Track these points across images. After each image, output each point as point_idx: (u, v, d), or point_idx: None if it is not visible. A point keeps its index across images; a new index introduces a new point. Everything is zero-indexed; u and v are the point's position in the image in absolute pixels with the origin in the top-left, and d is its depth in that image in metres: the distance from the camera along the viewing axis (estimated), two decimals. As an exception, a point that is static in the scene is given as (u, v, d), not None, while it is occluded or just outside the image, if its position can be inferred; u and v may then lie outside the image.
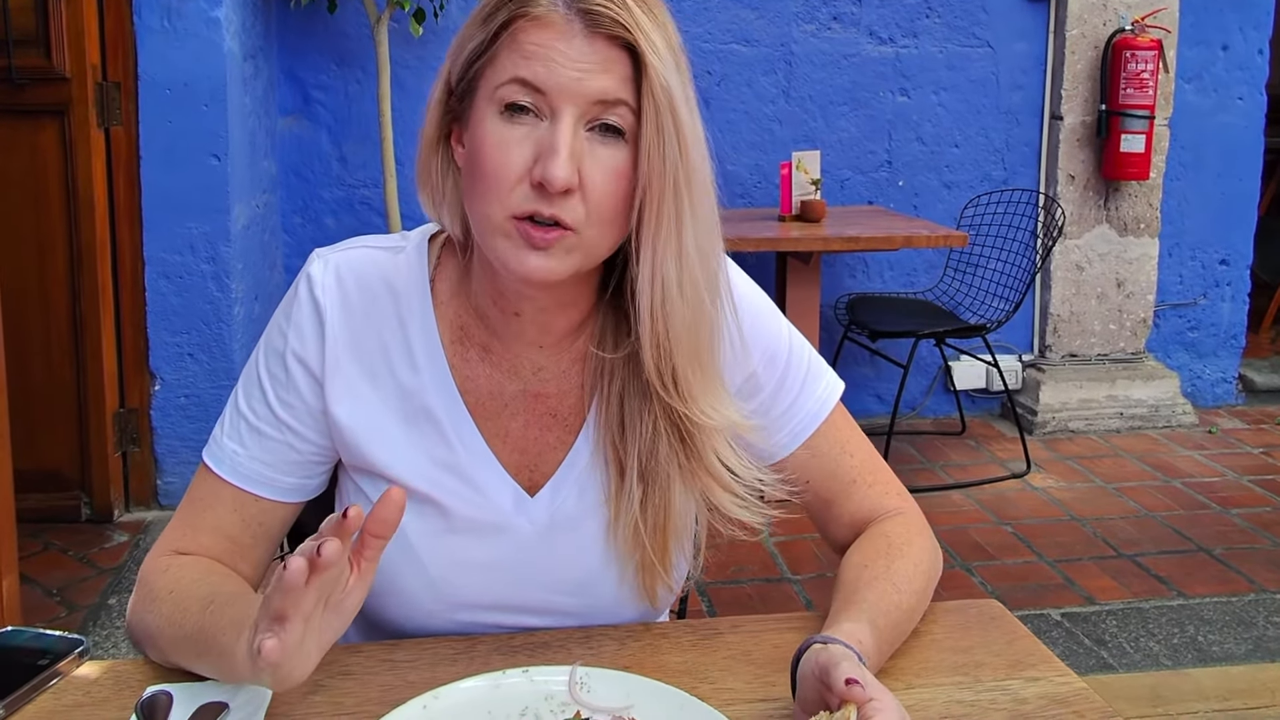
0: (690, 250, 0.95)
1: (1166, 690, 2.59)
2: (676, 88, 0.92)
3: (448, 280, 1.07)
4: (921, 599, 1.06)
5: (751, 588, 3.08)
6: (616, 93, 0.91)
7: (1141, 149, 4.21)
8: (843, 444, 1.14)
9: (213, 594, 0.95)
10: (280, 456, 1.05)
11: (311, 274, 1.05)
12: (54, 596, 2.89)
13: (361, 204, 4.06)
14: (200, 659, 0.93)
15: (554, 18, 0.91)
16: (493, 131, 0.92)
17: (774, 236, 3.52)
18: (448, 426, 1.05)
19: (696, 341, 0.97)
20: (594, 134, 0.92)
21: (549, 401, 1.07)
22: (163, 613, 0.98)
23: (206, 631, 0.91)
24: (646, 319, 0.96)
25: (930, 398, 4.53)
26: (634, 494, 1.02)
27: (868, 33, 4.26)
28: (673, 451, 1.02)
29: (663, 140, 0.92)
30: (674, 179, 0.92)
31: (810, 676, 0.85)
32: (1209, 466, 4.03)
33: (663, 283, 0.95)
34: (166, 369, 3.35)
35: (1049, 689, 0.98)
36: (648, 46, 0.91)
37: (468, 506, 1.05)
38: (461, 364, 1.06)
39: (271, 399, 1.05)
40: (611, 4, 0.91)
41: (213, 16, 3.22)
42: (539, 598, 1.07)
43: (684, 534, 1.07)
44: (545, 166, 0.90)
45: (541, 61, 0.91)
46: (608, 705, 0.91)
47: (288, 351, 1.04)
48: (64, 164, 3.18)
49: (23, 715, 0.91)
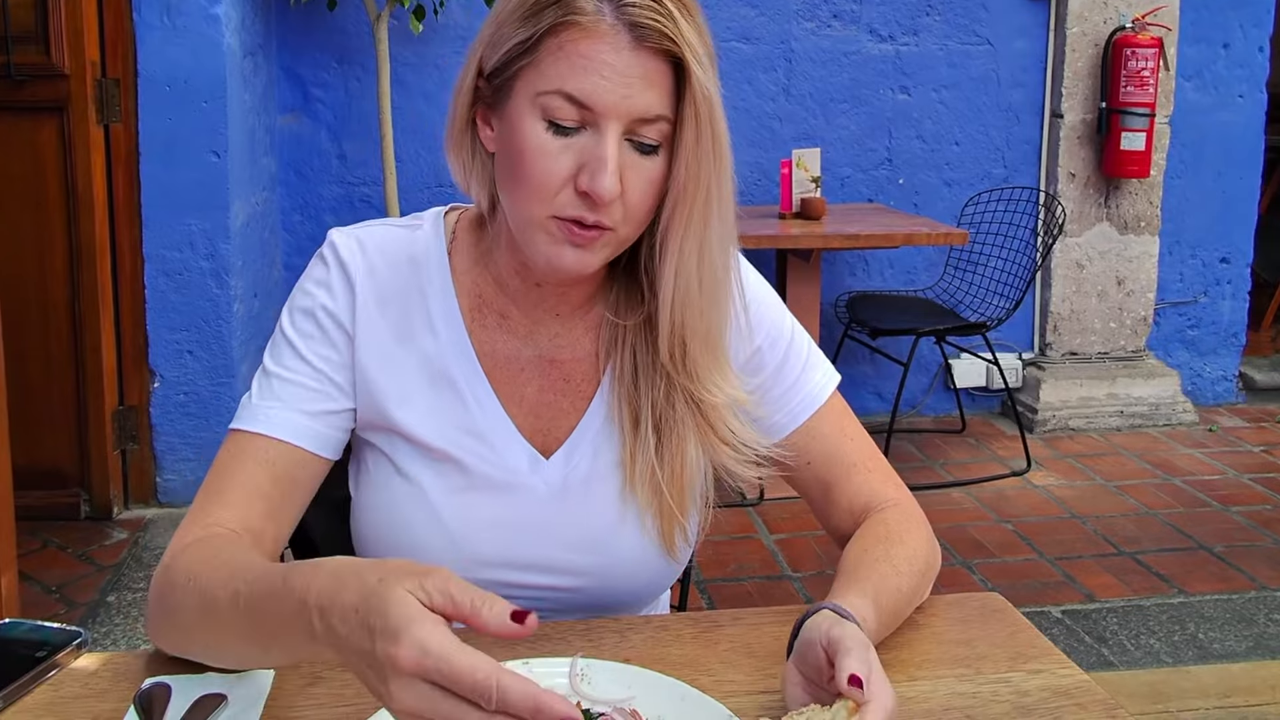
0: (713, 248, 1.00)
1: (1167, 688, 2.59)
2: (716, 95, 0.95)
3: (465, 253, 1.11)
4: (919, 584, 1.07)
5: (752, 585, 3.08)
6: (659, 109, 0.94)
7: (1142, 147, 4.21)
8: (842, 428, 1.16)
9: (233, 573, 0.88)
10: (317, 405, 1.05)
11: (335, 241, 1.08)
12: (53, 594, 2.89)
13: (361, 201, 4.06)
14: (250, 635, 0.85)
15: (602, 28, 0.92)
16: (534, 137, 0.94)
17: (774, 234, 3.52)
18: (465, 391, 1.08)
19: (709, 329, 1.03)
20: (632, 144, 0.95)
21: (564, 367, 1.11)
22: (186, 602, 0.91)
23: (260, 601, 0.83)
24: (666, 310, 1.01)
25: (930, 396, 4.53)
26: (649, 442, 1.07)
27: (868, 30, 4.26)
28: (687, 407, 1.07)
29: (701, 148, 0.95)
30: (708, 184, 0.97)
31: (816, 644, 0.85)
32: (1209, 464, 4.02)
33: (685, 279, 1.00)
34: (166, 366, 3.34)
35: (1051, 681, 0.97)
36: (691, 57, 0.93)
37: (485, 465, 1.08)
38: (480, 331, 1.09)
39: (306, 354, 1.06)
40: (659, 15, 0.92)
41: (212, 13, 3.21)
42: (557, 555, 1.09)
43: (698, 481, 1.10)
44: (594, 180, 0.93)
45: (588, 76, 0.92)
46: (608, 697, 0.90)
47: (318, 308, 1.06)
48: (63, 161, 3.17)
49: (21, 707, 0.91)
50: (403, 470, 1.08)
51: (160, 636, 0.97)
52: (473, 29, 3.96)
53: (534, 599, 1.10)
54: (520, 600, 1.09)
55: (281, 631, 0.79)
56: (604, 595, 1.11)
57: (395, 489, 1.08)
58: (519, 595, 1.10)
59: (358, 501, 1.12)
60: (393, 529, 1.08)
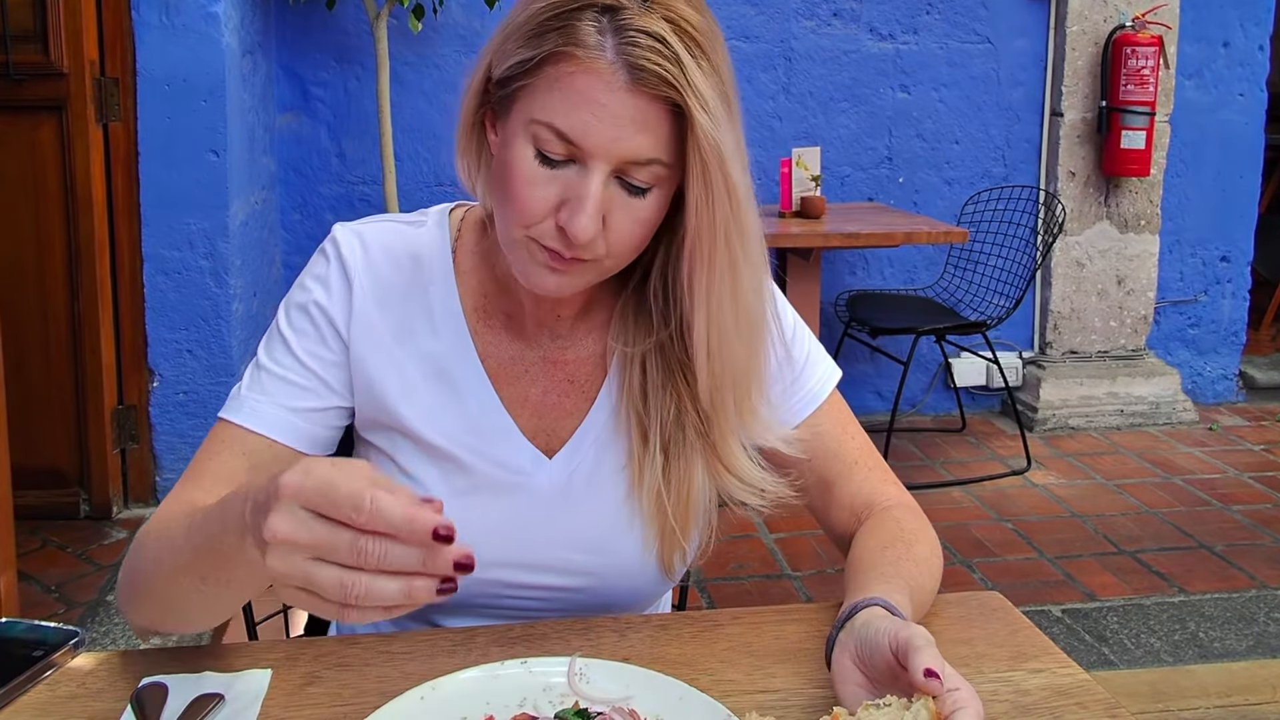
0: (746, 291, 0.98)
1: (1168, 686, 2.59)
2: (727, 142, 0.90)
3: (469, 252, 1.10)
4: (935, 585, 1.07)
5: (751, 584, 3.07)
6: (651, 153, 0.90)
7: (1142, 145, 4.21)
8: (844, 425, 1.16)
9: (192, 512, 0.90)
10: (302, 402, 1.05)
11: (337, 237, 1.08)
12: (52, 593, 2.88)
13: (361, 200, 4.05)
14: (198, 568, 0.85)
15: (599, 65, 0.88)
16: (522, 162, 0.92)
17: (774, 233, 3.52)
18: (466, 391, 1.08)
19: (750, 372, 1.02)
20: (621, 183, 0.93)
21: (568, 368, 1.10)
22: (148, 555, 0.94)
23: (203, 534, 0.84)
24: (703, 358, 0.99)
25: (930, 395, 4.52)
26: (656, 462, 1.06)
27: (868, 29, 4.25)
28: (697, 434, 1.05)
29: (711, 197, 0.92)
30: (725, 231, 0.94)
31: (883, 645, 0.84)
32: (1210, 463, 4.02)
33: (720, 327, 0.98)
34: (165, 365, 3.34)
35: (1051, 680, 0.97)
36: (696, 105, 0.88)
37: (487, 465, 1.07)
38: (484, 330, 1.09)
39: (298, 350, 1.06)
40: (662, 59, 0.87)
41: (211, 12, 3.21)
42: (559, 555, 1.08)
43: (702, 506, 1.09)
44: (571, 220, 0.91)
45: (579, 114, 0.89)
46: (607, 696, 0.90)
47: (313, 304, 1.06)
48: (62, 160, 3.17)
49: (18, 706, 0.91)
50: (405, 469, 1.08)
51: (126, 601, 0.99)
52: (472, 28, 3.97)
53: (536, 599, 1.10)
54: (523, 600, 1.09)
55: (222, 536, 0.79)
56: (605, 595, 1.11)
57: None
58: (522, 595, 1.09)
59: None
60: None
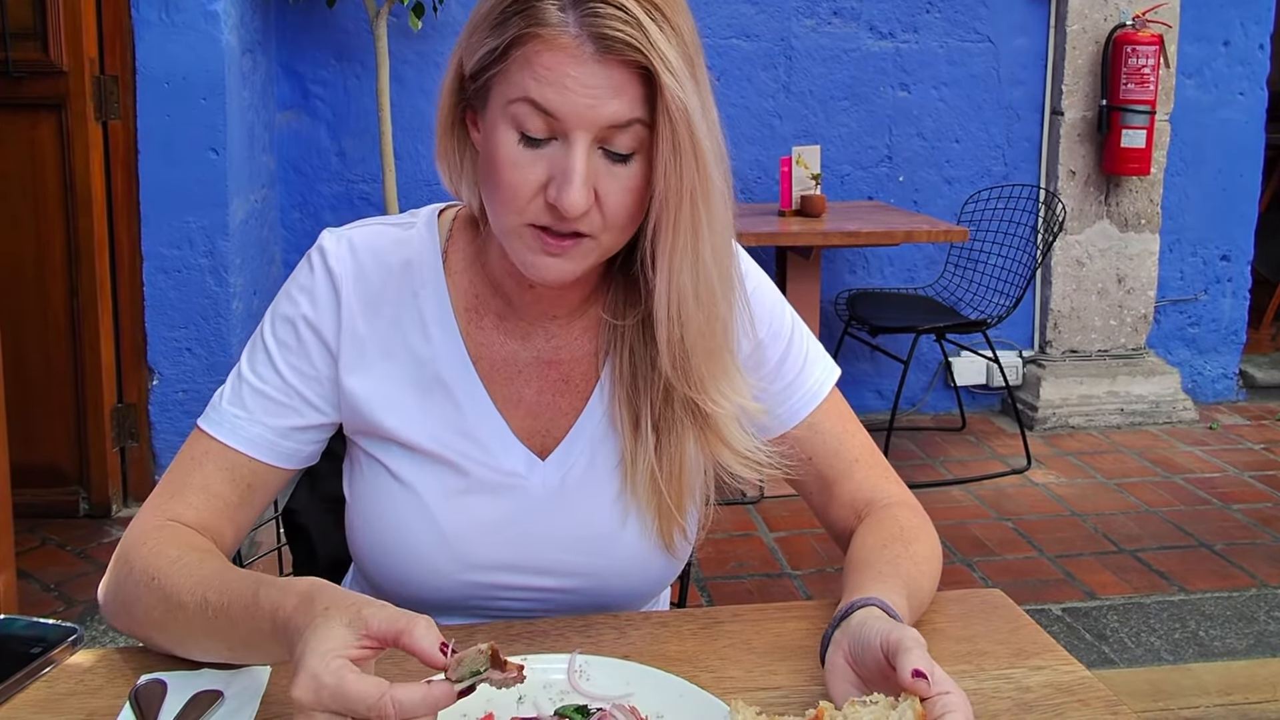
0: (707, 260, 0.96)
1: (1168, 685, 2.58)
2: (693, 103, 0.90)
3: (460, 253, 1.09)
4: (934, 584, 1.07)
5: (751, 583, 3.07)
6: (629, 114, 0.91)
7: (1142, 144, 4.20)
8: (844, 423, 1.16)
9: (202, 583, 0.92)
10: (283, 421, 1.05)
11: (325, 246, 1.06)
12: (51, 591, 2.88)
13: (360, 199, 4.05)
14: (212, 640, 0.91)
15: (565, 40, 0.88)
16: (505, 146, 0.92)
17: (774, 232, 3.51)
18: (460, 394, 1.06)
19: (711, 341, 1.00)
20: (605, 153, 0.92)
21: (561, 368, 1.09)
22: (145, 598, 0.95)
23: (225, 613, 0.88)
24: (664, 325, 0.98)
25: (930, 394, 4.52)
26: (648, 442, 1.05)
27: (868, 28, 4.25)
28: (685, 406, 1.04)
29: (679, 158, 0.91)
30: (690, 194, 0.92)
31: (874, 646, 0.84)
32: (1210, 462, 4.02)
33: (679, 293, 0.96)
34: (164, 364, 3.34)
35: (1053, 677, 0.97)
36: (662, 66, 0.88)
37: (480, 467, 1.06)
38: (476, 332, 1.08)
39: (280, 364, 1.05)
40: (625, 25, 0.88)
41: (211, 10, 3.21)
42: (554, 557, 1.08)
43: (697, 480, 1.08)
44: (561, 194, 0.90)
45: (553, 87, 0.89)
46: (607, 694, 0.90)
47: (300, 318, 1.05)
48: (61, 158, 3.17)
49: (17, 703, 0.91)
50: (397, 474, 1.07)
51: (114, 618, 1.00)
52: (472, 26, 3.96)
53: (531, 601, 1.09)
54: (518, 602, 1.09)
55: (254, 640, 0.85)
56: (601, 596, 1.10)
57: (390, 493, 1.07)
58: (516, 597, 1.09)
59: (352, 505, 1.11)
60: (387, 533, 1.06)
